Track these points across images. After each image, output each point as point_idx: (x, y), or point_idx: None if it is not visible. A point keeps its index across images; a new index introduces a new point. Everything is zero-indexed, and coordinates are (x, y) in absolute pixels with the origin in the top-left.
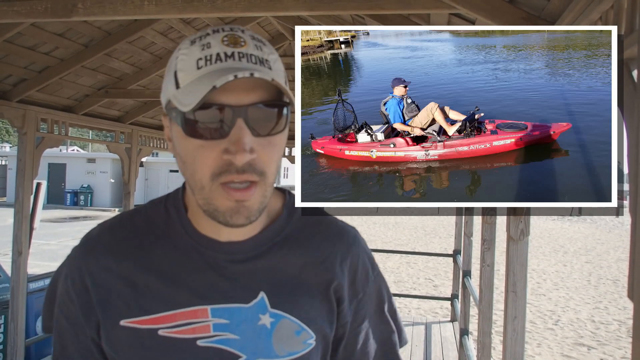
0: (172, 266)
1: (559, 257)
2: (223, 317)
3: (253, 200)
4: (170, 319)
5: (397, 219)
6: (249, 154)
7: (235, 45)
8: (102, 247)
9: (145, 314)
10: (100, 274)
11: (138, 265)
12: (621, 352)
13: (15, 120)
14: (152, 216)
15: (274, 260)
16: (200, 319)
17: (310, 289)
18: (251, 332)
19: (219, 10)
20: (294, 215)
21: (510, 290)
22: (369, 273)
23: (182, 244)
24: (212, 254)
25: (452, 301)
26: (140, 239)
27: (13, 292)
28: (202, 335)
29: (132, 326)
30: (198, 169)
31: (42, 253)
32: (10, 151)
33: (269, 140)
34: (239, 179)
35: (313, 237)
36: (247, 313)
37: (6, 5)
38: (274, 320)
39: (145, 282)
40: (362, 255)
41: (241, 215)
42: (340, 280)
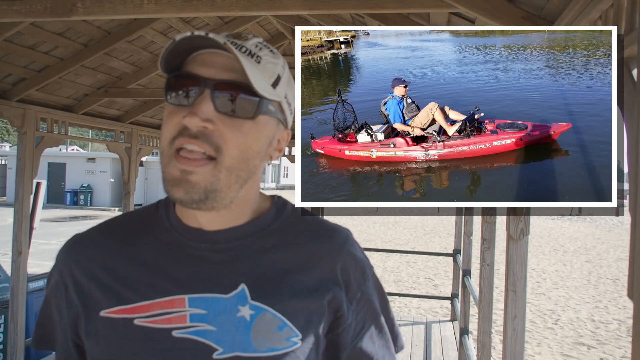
0: (154, 258)
1: (559, 257)
2: (200, 307)
3: (199, 175)
4: (147, 309)
5: (397, 219)
6: (200, 121)
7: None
8: (88, 241)
9: (123, 303)
10: (84, 264)
11: (121, 256)
12: (621, 351)
13: (15, 119)
14: (142, 216)
15: (259, 253)
16: (177, 308)
17: (298, 286)
18: (229, 324)
19: (219, 9)
20: (282, 214)
21: (510, 289)
22: (365, 274)
23: (165, 236)
24: (194, 244)
25: (452, 300)
26: (125, 233)
27: (13, 292)
28: (178, 325)
29: (109, 316)
30: (162, 134)
31: (42, 253)
32: (10, 151)
33: (234, 121)
34: (190, 142)
35: (302, 234)
36: (226, 304)
37: (6, 5)
38: (254, 313)
39: (126, 273)
40: (355, 255)
41: (181, 188)
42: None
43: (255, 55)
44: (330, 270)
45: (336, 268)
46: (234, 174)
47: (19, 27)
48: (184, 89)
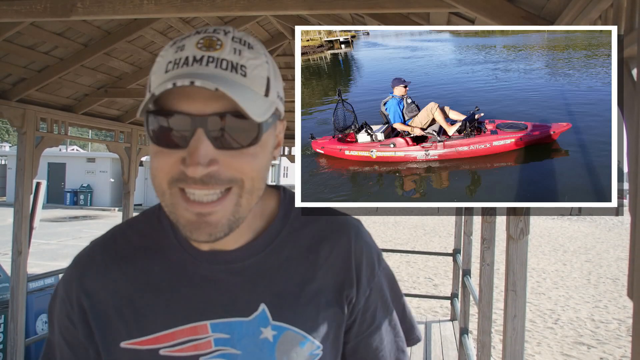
0: (168, 282)
1: (559, 256)
2: (223, 332)
3: (220, 213)
4: (171, 338)
5: (397, 218)
6: (204, 168)
7: (209, 48)
8: (96, 267)
9: (145, 334)
10: (96, 295)
11: (134, 283)
12: (621, 350)
13: (15, 119)
14: (146, 230)
15: (273, 268)
16: (200, 335)
17: (315, 296)
18: (253, 347)
19: (218, 9)
20: (290, 215)
21: (510, 289)
22: (375, 268)
23: (176, 258)
24: (207, 266)
25: (451, 300)
26: (134, 255)
27: (13, 292)
28: (204, 352)
29: (133, 347)
30: (157, 174)
31: (42, 252)
32: (9, 151)
33: (239, 151)
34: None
35: (313, 237)
36: (248, 327)
37: (5, 5)
38: (277, 333)
39: (142, 301)
40: (366, 249)
41: (203, 232)
42: (348, 280)
43: (239, 67)
44: (346, 269)
45: (351, 267)
46: (255, 194)
47: (19, 27)
48: (172, 129)
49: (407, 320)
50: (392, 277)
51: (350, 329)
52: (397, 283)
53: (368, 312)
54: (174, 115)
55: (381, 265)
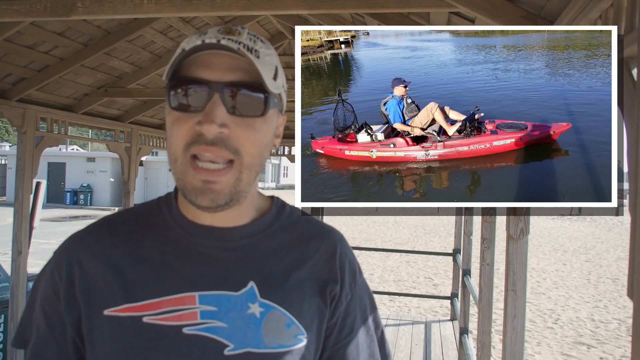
0: (161, 255)
1: (559, 256)
2: (211, 305)
3: (224, 182)
4: (156, 306)
5: (397, 218)
6: (218, 127)
7: (229, 34)
8: (90, 238)
9: (130, 301)
10: (88, 262)
11: (127, 255)
12: (621, 350)
13: (15, 119)
14: (142, 212)
15: (265, 252)
16: (187, 305)
17: (301, 285)
18: (240, 321)
19: (218, 9)
20: (282, 213)
21: (510, 289)
22: (357, 275)
23: (171, 234)
24: (202, 241)
25: (451, 300)
26: (129, 231)
27: (13, 292)
28: (189, 322)
29: (116, 314)
30: (173, 140)
31: (42, 252)
32: (9, 150)
33: (246, 121)
34: (208, 150)
35: (302, 234)
36: (236, 301)
37: (5, 4)
38: (264, 310)
39: (131, 271)
40: (350, 256)
41: (206, 197)
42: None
43: (254, 50)
44: (330, 268)
45: (335, 266)
46: (253, 170)
47: (19, 27)
48: (191, 95)
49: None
50: (370, 293)
51: (330, 335)
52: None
53: (348, 319)
54: (194, 81)
55: (361, 277)
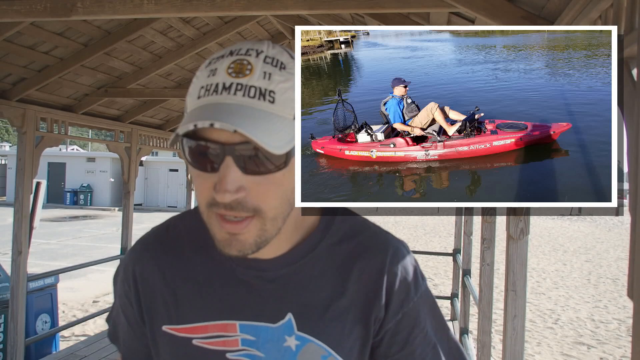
0: (207, 278)
1: (559, 256)
2: (250, 334)
3: (247, 234)
4: (203, 330)
5: (397, 218)
6: (233, 194)
7: (238, 74)
8: (149, 254)
9: (182, 322)
10: (148, 279)
11: (178, 274)
12: (621, 350)
13: (15, 119)
14: (194, 225)
15: (305, 279)
16: (229, 333)
17: (342, 312)
18: (276, 352)
19: (218, 9)
20: (330, 228)
21: (510, 289)
22: (410, 293)
23: (217, 256)
24: (243, 270)
25: (452, 300)
26: (182, 249)
27: (13, 292)
28: (231, 348)
29: (172, 333)
30: (197, 195)
31: (42, 252)
32: (10, 150)
33: (266, 178)
34: (228, 214)
35: (349, 253)
36: (273, 333)
37: (6, 5)
38: (300, 344)
39: (183, 291)
40: (402, 273)
41: (233, 248)
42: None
43: (268, 93)
44: (376, 291)
45: (381, 290)
46: (279, 218)
47: (19, 27)
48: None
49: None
50: (433, 305)
51: (377, 349)
52: (439, 311)
53: (398, 336)
54: (204, 143)
55: (419, 292)
